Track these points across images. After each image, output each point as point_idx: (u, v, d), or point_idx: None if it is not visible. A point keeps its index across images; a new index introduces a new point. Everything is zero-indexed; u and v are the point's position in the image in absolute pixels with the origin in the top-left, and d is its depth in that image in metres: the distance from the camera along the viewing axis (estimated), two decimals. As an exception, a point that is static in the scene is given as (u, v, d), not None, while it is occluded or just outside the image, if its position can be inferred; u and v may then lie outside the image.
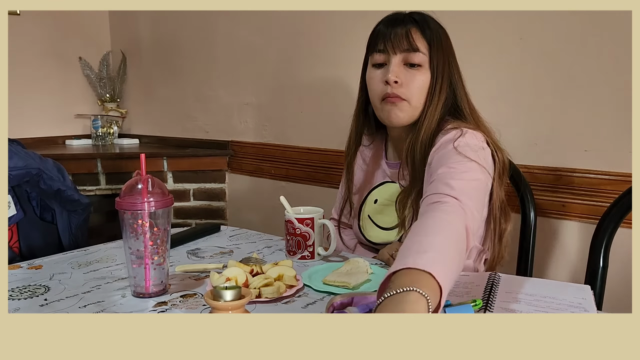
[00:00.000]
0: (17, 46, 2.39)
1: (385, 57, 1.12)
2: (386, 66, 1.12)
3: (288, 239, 1.20)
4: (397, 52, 1.10)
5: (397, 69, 1.10)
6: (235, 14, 2.20)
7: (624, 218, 1.20)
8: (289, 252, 1.20)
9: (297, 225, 1.18)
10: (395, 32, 1.10)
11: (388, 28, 1.11)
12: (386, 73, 1.11)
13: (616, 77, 1.36)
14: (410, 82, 1.10)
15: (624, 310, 1.36)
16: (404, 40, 1.09)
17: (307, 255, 1.18)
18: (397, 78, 1.10)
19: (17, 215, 1.44)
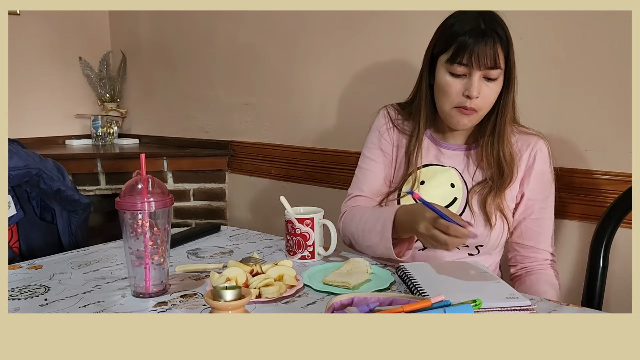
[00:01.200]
0: (17, 46, 2.39)
1: (467, 70, 1.13)
2: (466, 78, 1.14)
3: (288, 239, 1.20)
4: (481, 69, 1.12)
5: (479, 84, 1.13)
6: (235, 14, 2.20)
7: (624, 218, 1.20)
8: (289, 252, 1.20)
9: (297, 225, 1.18)
10: (481, 49, 1.10)
11: (474, 41, 1.10)
12: (467, 86, 1.13)
13: (616, 77, 1.36)
14: (487, 95, 1.15)
15: (624, 310, 1.36)
16: (489, 59, 1.11)
17: (307, 255, 1.18)
18: (478, 94, 1.14)
19: (17, 215, 1.44)
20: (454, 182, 1.24)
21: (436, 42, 1.19)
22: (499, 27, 1.12)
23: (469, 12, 1.15)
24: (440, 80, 1.17)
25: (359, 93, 1.88)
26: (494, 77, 1.13)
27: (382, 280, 1.04)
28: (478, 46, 1.10)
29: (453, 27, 1.14)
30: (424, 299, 0.75)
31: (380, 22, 1.79)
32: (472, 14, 1.14)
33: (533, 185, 1.23)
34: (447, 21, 1.18)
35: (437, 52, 1.18)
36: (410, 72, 1.72)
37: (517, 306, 0.87)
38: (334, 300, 0.76)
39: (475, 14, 1.14)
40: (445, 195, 1.23)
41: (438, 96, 1.20)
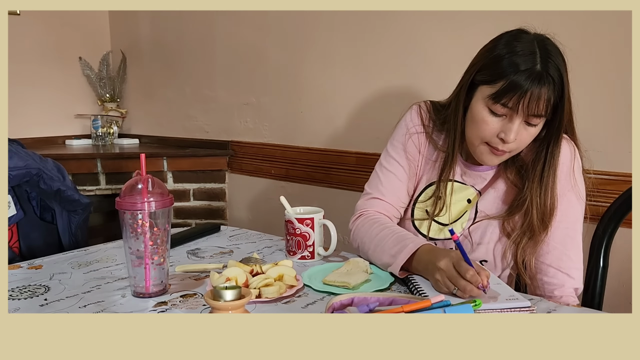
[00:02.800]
0: (17, 46, 2.39)
1: (509, 112, 1.03)
2: (505, 119, 1.05)
3: (288, 239, 1.20)
4: (527, 115, 1.02)
5: (518, 129, 1.04)
6: (235, 14, 2.20)
7: (624, 218, 1.20)
8: (289, 252, 1.20)
9: (297, 225, 1.18)
10: (534, 96, 0.99)
11: (528, 86, 0.99)
12: (505, 129, 1.04)
13: (616, 77, 1.36)
14: (523, 139, 1.07)
15: (624, 310, 1.36)
16: (540, 108, 1.01)
17: (307, 255, 1.18)
18: (515, 139, 1.05)
19: (17, 215, 1.44)
20: (470, 199, 1.19)
21: (481, 68, 1.06)
22: (554, 69, 1.00)
23: (524, 42, 1.02)
24: (477, 113, 1.07)
25: (360, 93, 1.88)
26: (535, 123, 1.04)
27: (382, 280, 1.04)
28: (531, 91, 0.99)
29: (503, 60, 1.02)
30: (424, 299, 0.75)
31: (382, 22, 1.79)
32: (528, 46, 1.01)
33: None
34: (497, 47, 1.05)
35: (479, 81, 1.07)
36: (411, 72, 1.73)
37: (517, 307, 0.87)
38: (334, 300, 0.76)
39: (531, 47, 1.01)
40: (462, 210, 1.19)
41: (469, 125, 1.10)
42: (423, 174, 1.23)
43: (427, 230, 1.20)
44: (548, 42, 1.04)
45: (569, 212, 1.13)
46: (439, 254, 0.99)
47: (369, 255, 1.15)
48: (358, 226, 1.21)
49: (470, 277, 0.91)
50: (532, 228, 1.11)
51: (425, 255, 1.02)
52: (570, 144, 1.13)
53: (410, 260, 1.04)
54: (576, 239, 1.14)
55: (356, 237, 1.20)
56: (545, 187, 1.10)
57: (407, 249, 1.04)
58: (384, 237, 1.11)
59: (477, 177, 1.20)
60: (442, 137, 1.21)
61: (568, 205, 1.13)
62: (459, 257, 0.95)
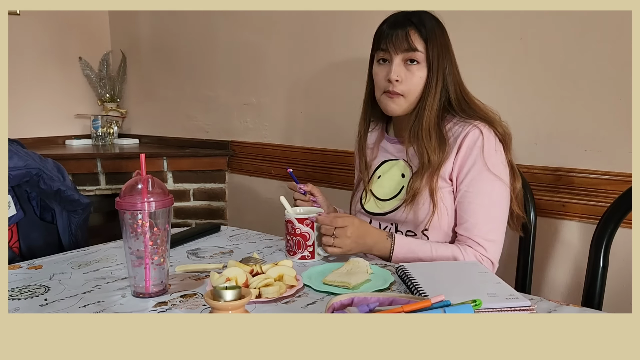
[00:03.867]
0: (17, 46, 2.39)
1: (388, 55, 1.23)
2: (389, 64, 1.24)
3: (288, 239, 1.20)
4: (398, 52, 1.22)
5: (398, 68, 1.22)
6: (235, 14, 2.20)
7: (624, 218, 1.20)
8: (289, 252, 1.20)
9: (297, 225, 1.18)
10: (395, 34, 1.21)
11: (389, 30, 1.23)
12: (389, 71, 1.23)
13: (616, 77, 1.36)
14: (410, 79, 1.23)
15: (624, 310, 1.36)
16: (403, 42, 1.21)
17: (307, 255, 1.18)
18: (398, 77, 1.22)
19: (17, 215, 1.44)
20: (404, 173, 1.29)
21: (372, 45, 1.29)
22: (414, 17, 1.22)
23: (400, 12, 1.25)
24: (373, 72, 1.28)
25: (360, 93, 1.88)
26: (415, 59, 1.21)
27: (382, 280, 1.04)
28: (394, 32, 1.21)
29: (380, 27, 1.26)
30: (424, 299, 0.75)
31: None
32: (401, 12, 1.25)
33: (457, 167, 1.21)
34: None
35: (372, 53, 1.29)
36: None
37: (517, 306, 0.87)
38: (334, 300, 0.76)
39: (403, 12, 1.25)
40: (397, 185, 1.29)
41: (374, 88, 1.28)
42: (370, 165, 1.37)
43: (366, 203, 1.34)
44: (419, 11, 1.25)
45: (484, 189, 1.20)
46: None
47: None
48: None
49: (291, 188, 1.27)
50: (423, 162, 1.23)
51: None
52: (476, 129, 1.20)
53: None
54: (492, 213, 1.21)
55: None
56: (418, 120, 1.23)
57: None
58: None
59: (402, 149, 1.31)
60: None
61: (483, 183, 1.20)
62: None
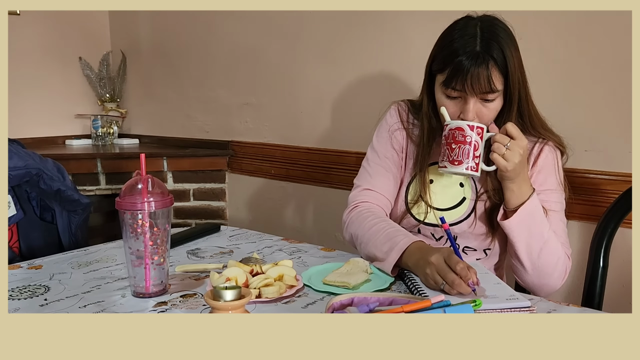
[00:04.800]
0: (17, 46, 2.39)
1: (462, 94, 1.11)
2: (461, 100, 1.12)
3: (454, 147, 1.08)
4: (477, 94, 1.09)
5: (474, 108, 1.11)
6: (235, 14, 2.20)
7: (624, 218, 1.20)
8: (454, 162, 1.09)
9: (468, 132, 1.07)
10: (474, 75, 1.06)
11: (469, 65, 1.06)
12: (463, 111, 1.11)
13: (616, 77, 1.36)
14: (485, 114, 1.12)
15: (624, 310, 1.36)
16: (484, 85, 1.07)
17: (472, 167, 1.08)
18: (475, 117, 1.11)
19: (17, 215, 1.44)
20: (462, 182, 1.22)
21: (434, 57, 1.15)
22: (495, 48, 1.07)
23: (468, 27, 1.10)
24: (438, 99, 1.15)
25: (360, 93, 1.88)
26: (491, 99, 1.10)
27: (382, 280, 1.04)
28: (473, 71, 1.06)
29: (448, 48, 1.10)
30: (424, 299, 0.75)
31: (382, 22, 1.79)
32: (470, 30, 1.09)
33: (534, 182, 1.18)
34: (445, 37, 1.14)
35: (435, 70, 1.15)
36: (411, 72, 1.72)
37: (517, 307, 0.87)
38: (334, 300, 0.76)
39: (473, 31, 1.09)
40: (455, 195, 1.21)
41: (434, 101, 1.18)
42: (409, 162, 1.27)
43: (419, 213, 1.22)
44: (491, 23, 1.11)
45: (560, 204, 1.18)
46: (431, 249, 1.00)
47: (361, 248, 1.17)
48: (352, 218, 1.22)
49: (460, 269, 0.91)
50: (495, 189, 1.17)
51: (416, 251, 1.03)
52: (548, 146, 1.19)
53: (401, 257, 1.05)
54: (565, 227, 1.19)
55: (350, 229, 1.22)
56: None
57: (398, 246, 1.05)
58: (377, 231, 1.13)
59: None
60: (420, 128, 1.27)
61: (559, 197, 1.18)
62: (450, 251, 0.96)
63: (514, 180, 1.10)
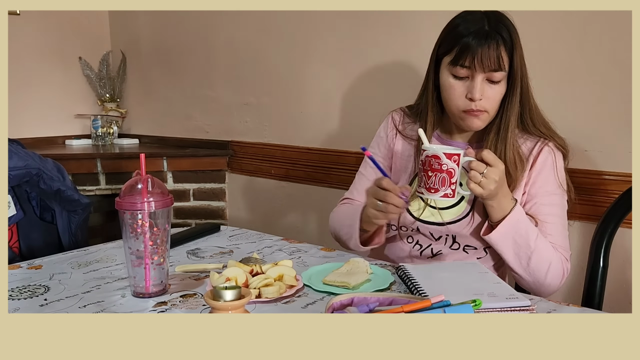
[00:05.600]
0: (17, 46, 2.39)
1: (470, 72, 1.12)
2: (468, 80, 1.14)
3: (430, 175, 1.08)
4: (485, 71, 1.11)
5: (482, 86, 1.13)
6: (235, 14, 2.20)
7: (624, 218, 1.20)
8: (430, 190, 1.09)
9: (444, 160, 1.07)
10: (484, 51, 1.09)
11: (477, 43, 1.09)
12: (470, 89, 1.13)
13: (616, 77, 1.36)
14: (491, 96, 1.14)
15: (624, 310, 1.36)
16: (493, 62, 1.10)
17: (449, 194, 1.09)
18: (482, 96, 1.13)
19: (17, 215, 1.44)
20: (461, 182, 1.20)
21: (441, 42, 1.18)
22: (503, 29, 1.11)
23: (475, 13, 1.14)
24: (444, 82, 1.17)
25: (360, 93, 1.88)
26: (497, 79, 1.12)
27: (382, 280, 1.04)
28: (481, 48, 1.09)
29: (457, 28, 1.13)
30: (424, 299, 0.75)
31: (382, 22, 1.79)
32: (478, 15, 1.13)
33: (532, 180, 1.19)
34: (452, 21, 1.16)
35: (441, 54, 1.17)
36: (412, 72, 1.72)
37: (517, 306, 0.87)
38: (334, 300, 0.76)
39: (481, 15, 1.13)
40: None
41: (444, 98, 1.19)
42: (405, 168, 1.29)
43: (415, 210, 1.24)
44: (497, 12, 1.15)
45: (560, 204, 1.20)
46: None
47: (341, 237, 1.26)
48: (330, 220, 1.34)
49: (386, 184, 1.05)
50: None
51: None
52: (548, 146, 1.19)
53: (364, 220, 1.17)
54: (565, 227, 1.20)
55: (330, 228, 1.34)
56: (501, 137, 1.17)
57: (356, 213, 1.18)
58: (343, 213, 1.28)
59: None
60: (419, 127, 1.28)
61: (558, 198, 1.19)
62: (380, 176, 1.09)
63: (493, 199, 1.11)
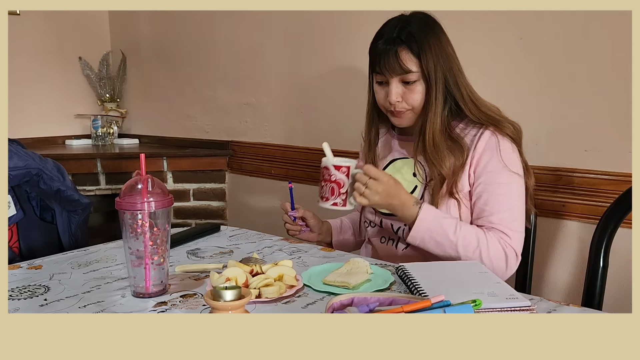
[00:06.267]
0: (17, 46, 2.39)
1: (384, 78, 1.22)
2: (386, 84, 1.22)
3: (322, 185, 1.20)
4: (393, 76, 1.20)
5: (396, 90, 1.21)
6: (235, 14, 2.20)
7: (624, 218, 1.20)
8: (322, 198, 1.20)
9: (332, 172, 1.18)
10: (387, 56, 1.18)
11: (382, 50, 1.19)
12: (388, 93, 1.22)
13: (616, 77, 1.36)
14: (410, 96, 1.21)
15: (624, 310, 1.36)
16: (395, 65, 1.18)
17: (339, 203, 1.18)
18: (398, 99, 1.21)
19: (17, 215, 1.44)
20: (415, 172, 1.28)
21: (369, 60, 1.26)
22: (406, 33, 1.18)
23: (394, 19, 1.22)
24: (373, 89, 1.27)
25: (360, 93, 1.88)
26: (411, 80, 1.19)
27: (382, 280, 1.04)
28: (385, 55, 1.18)
29: (376, 35, 1.23)
30: (424, 299, 0.75)
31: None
32: (394, 21, 1.21)
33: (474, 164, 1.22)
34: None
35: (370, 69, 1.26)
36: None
37: (517, 306, 0.87)
38: (334, 301, 0.76)
39: (397, 21, 1.21)
40: (409, 185, 1.28)
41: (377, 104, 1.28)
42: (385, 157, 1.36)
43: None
44: (413, 15, 1.22)
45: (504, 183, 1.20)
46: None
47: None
48: None
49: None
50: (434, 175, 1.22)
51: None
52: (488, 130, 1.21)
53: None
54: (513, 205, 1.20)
55: None
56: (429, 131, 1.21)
57: None
58: None
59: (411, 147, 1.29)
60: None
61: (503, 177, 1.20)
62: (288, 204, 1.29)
63: (393, 210, 1.19)
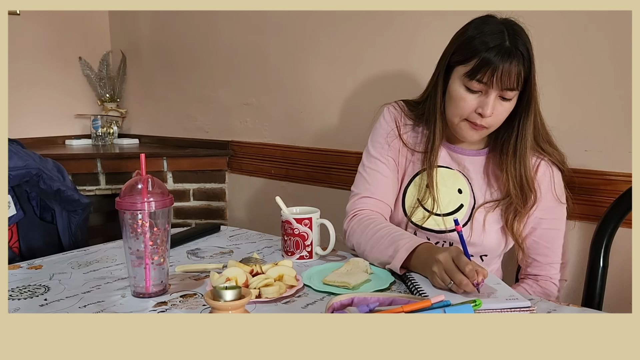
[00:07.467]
0: (17, 46, 2.39)
1: (484, 87, 1.10)
2: (481, 95, 1.11)
3: (286, 239, 1.19)
4: (502, 89, 1.09)
5: (494, 103, 1.10)
6: (235, 14, 2.20)
7: (624, 218, 1.20)
8: (287, 253, 1.20)
9: (295, 225, 1.17)
10: (505, 70, 1.06)
11: (499, 60, 1.06)
12: (482, 104, 1.10)
13: (616, 77, 1.36)
14: (499, 114, 1.13)
15: (624, 310, 1.36)
16: (513, 81, 1.07)
17: (305, 255, 1.18)
18: (492, 113, 1.11)
19: (17, 215, 1.44)
20: (461, 188, 1.21)
21: (455, 50, 1.13)
22: (522, 45, 1.07)
23: (492, 23, 1.10)
24: (454, 92, 1.13)
25: (360, 93, 1.88)
26: (509, 97, 1.11)
27: (382, 280, 1.04)
28: (502, 66, 1.06)
29: (475, 39, 1.09)
30: (424, 299, 0.75)
31: (382, 22, 1.79)
32: (496, 27, 1.09)
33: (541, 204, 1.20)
34: (468, 30, 1.12)
35: (455, 62, 1.14)
36: (412, 72, 1.73)
37: (517, 307, 0.87)
38: (334, 301, 0.76)
39: (499, 27, 1.09)
40: (452, 200, 1.21)
41: (449, 105, 1.17)
42: (407, 168, 1.26)
43: (419, 219, 1.22)
44: (514, 23, 1.12)
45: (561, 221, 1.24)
46: (439, 249, 1.00)
47: (365, 255, 1.15)
48: (353, 227, 1.21)
49: (468, 271, 0.90)
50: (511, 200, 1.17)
51: (424, 251, 1.02)
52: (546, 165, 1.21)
53: (409, 259, 1.04)
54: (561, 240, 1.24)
55: (351, 238, 1.21)
56: (519, 158, 1.16)
57: (404, 248, 1.04)
58: (380, 237, 1.12)
59: (464, 161, 1.23)
60: (421, 129, 1.25)
61: (555, 215, 1.22)
62: (459, 251, 0.96)
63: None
